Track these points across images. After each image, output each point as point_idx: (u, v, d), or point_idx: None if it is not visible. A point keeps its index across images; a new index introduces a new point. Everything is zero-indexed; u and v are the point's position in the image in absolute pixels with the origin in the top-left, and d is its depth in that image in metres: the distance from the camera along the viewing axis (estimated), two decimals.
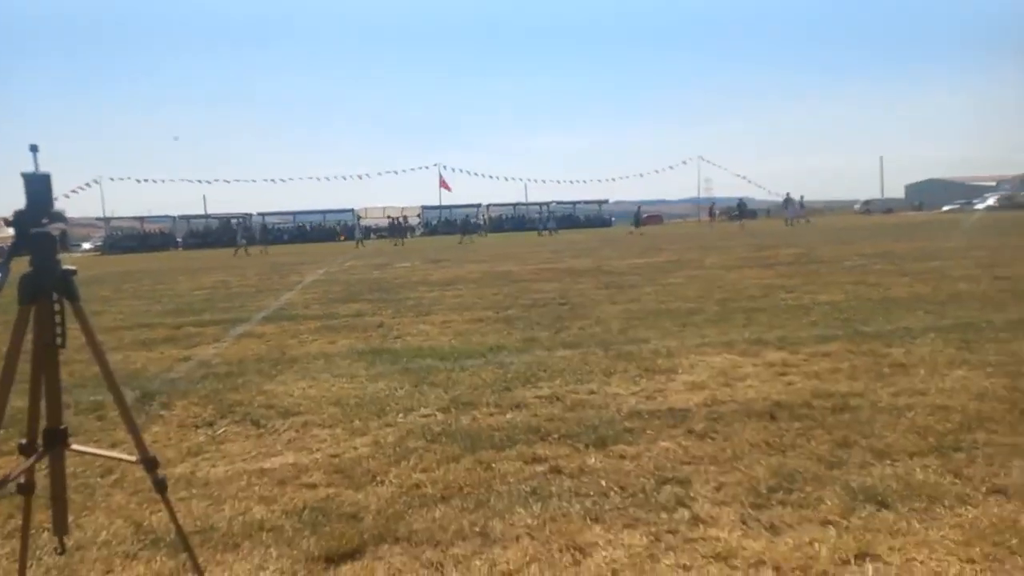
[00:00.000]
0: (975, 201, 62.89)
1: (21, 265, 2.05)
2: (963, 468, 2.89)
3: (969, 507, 2.56)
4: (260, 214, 63.46)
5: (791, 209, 40.26)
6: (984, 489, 2.70)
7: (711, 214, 50.23)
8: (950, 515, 2.51)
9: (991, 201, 59.78)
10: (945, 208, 62.20)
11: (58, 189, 2.10)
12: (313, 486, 3.08)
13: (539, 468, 3.14)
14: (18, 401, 2.10)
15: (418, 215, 66.29)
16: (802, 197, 44.01)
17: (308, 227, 63.05)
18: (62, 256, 2.11)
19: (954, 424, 3.42)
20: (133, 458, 2.28)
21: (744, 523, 2.53)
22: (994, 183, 76.47)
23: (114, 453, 2.76)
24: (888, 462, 2.99)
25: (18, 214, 2.03)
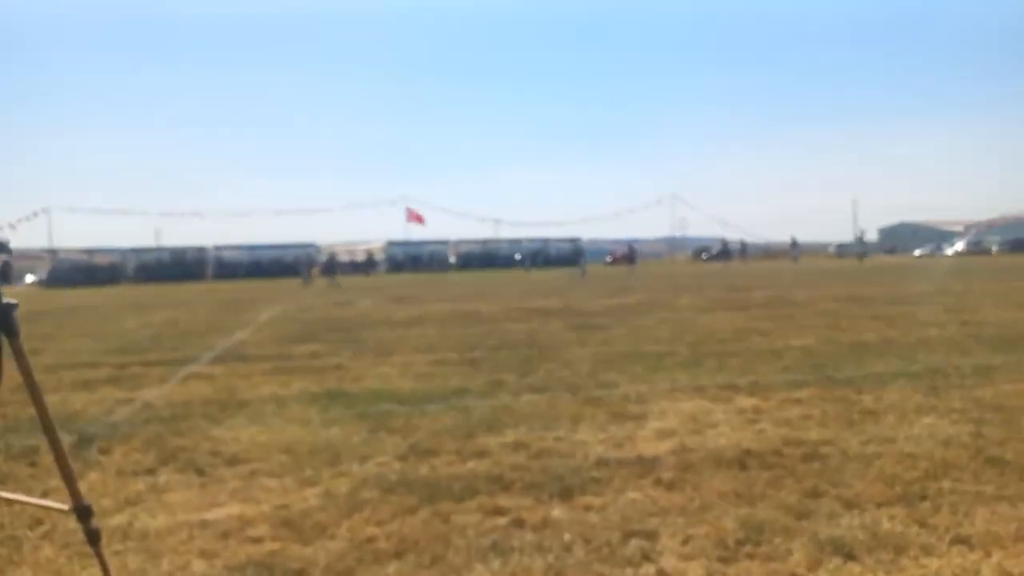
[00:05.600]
0: (944, 245, 65.22)
1: None
2: (928, 517, 2.96)
3: (933, 557, 2.61)
4: (216, 247, 62.77)
5: (858, 247, 51.27)
6: (948, 539, 2.76)
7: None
8: (914, 566, 2.56)
9: (959, 246, 62.15)
10: (916, 252, 64.28)
11: (2, 219, 2.08)
12: (259, 540, 3.01)
13: (500, 521, 3.11)
14: None
15: (383, 250, 66.04)
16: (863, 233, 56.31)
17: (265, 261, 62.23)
18: (3, 289, 2.08)
19: (920, 472, 3.50)
20: (66, 507, 2.22)
21: None
22: (962, 228, 79.40)
23: (45, 502, 2.68)
24: (856, 512, 3.04)
25: None
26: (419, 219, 67.87)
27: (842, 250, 73.06)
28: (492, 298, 18.95)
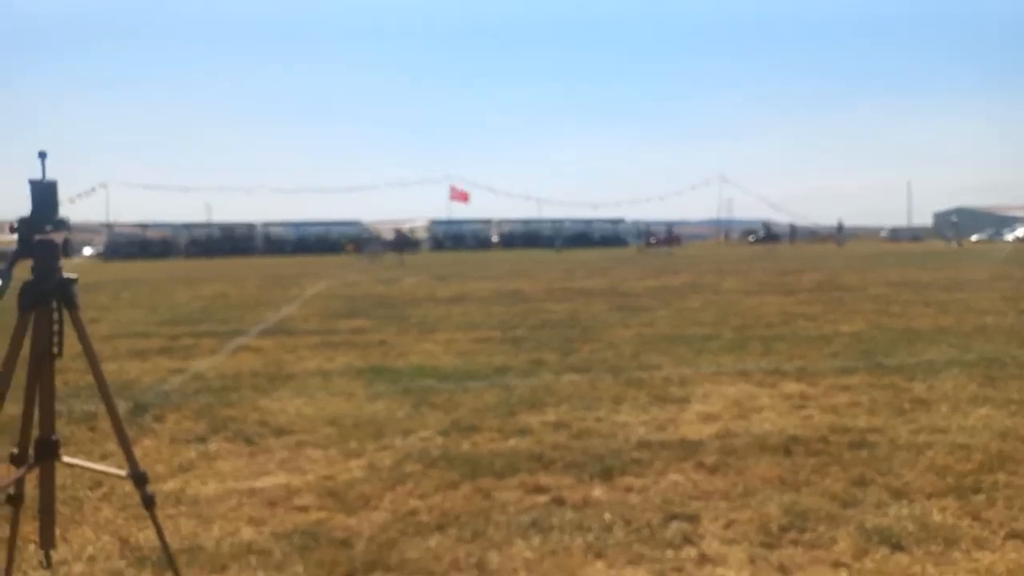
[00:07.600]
0: (1004, 231, 62.65)
1: (22, 271, 2.10)
2: (982, 511, 2.87)
3: (986, 551, 2.54)
4: (264, 224, 64.00)
5: (953, 231, 50.55)
6: (1003, 533, 2.67)
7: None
8: (966, 559, 2.49)
9: (1021, 232, 59.65)
10: (973, 238, 61.94)
11: (63, 193, 2.15)
12: (304, 509, 3.09)
13: (541, 498, 3.13)
14: (11, 408, 2.13)
15: (426, 229, 66.41)
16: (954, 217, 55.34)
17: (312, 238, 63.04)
18: (63, 264, 2.16)
19: (974, 464, 3.39)
20: (123, 472, 2.30)
21: (753, 563, 2.51)
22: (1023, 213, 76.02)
23: (104, 467, 2.79)
24: (905, 502, 2.97)
25: (22, 221, 2.09)
26: (463, 197, 68.00)
27: (895, 235, 70.77)
28: (534, 277, 18.93)
